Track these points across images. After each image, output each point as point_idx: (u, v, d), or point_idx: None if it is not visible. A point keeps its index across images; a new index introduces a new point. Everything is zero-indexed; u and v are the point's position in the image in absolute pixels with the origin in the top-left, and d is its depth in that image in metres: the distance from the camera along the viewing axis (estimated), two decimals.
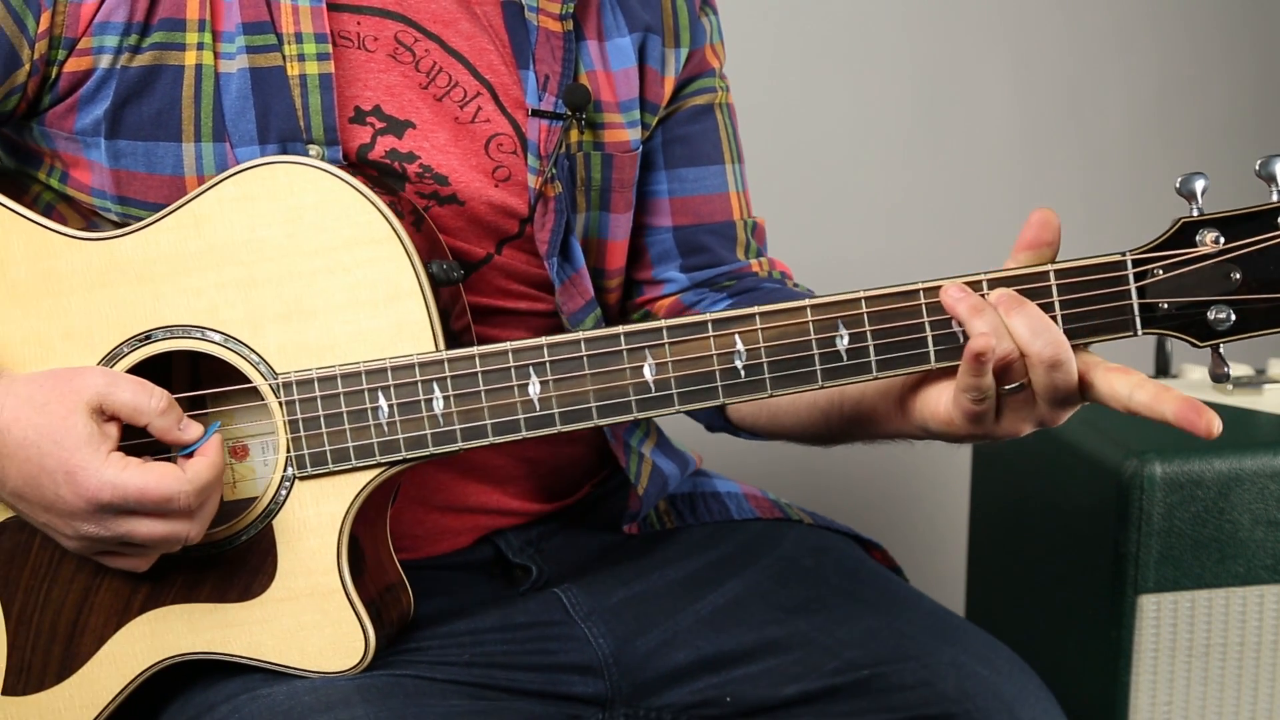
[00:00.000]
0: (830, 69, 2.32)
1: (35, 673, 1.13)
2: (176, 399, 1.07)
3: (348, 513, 1.10)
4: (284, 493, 1.10)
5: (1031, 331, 0.99)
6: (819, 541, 1.36)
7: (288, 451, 1.10)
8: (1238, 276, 1.03)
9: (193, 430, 1.06)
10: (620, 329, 1.07)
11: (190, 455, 1.06)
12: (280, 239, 1.09)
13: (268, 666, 1.11)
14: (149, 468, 1.03)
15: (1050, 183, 2.44)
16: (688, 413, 1.12)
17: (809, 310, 1.05)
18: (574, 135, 1.25)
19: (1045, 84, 2.43)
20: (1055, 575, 1.67)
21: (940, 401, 1.05)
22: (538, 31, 1.24)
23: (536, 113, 1.22)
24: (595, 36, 1.29)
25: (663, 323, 1.06)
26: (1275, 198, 1.03)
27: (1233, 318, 1.03)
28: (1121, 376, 1.01)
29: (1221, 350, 1.05)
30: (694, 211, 1.36)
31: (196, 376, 1.15)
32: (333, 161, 1.13)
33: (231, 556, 1.11)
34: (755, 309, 1.05)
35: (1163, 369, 1.80)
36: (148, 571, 1.10)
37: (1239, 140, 2.46)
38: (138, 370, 1.09)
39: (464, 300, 1.17)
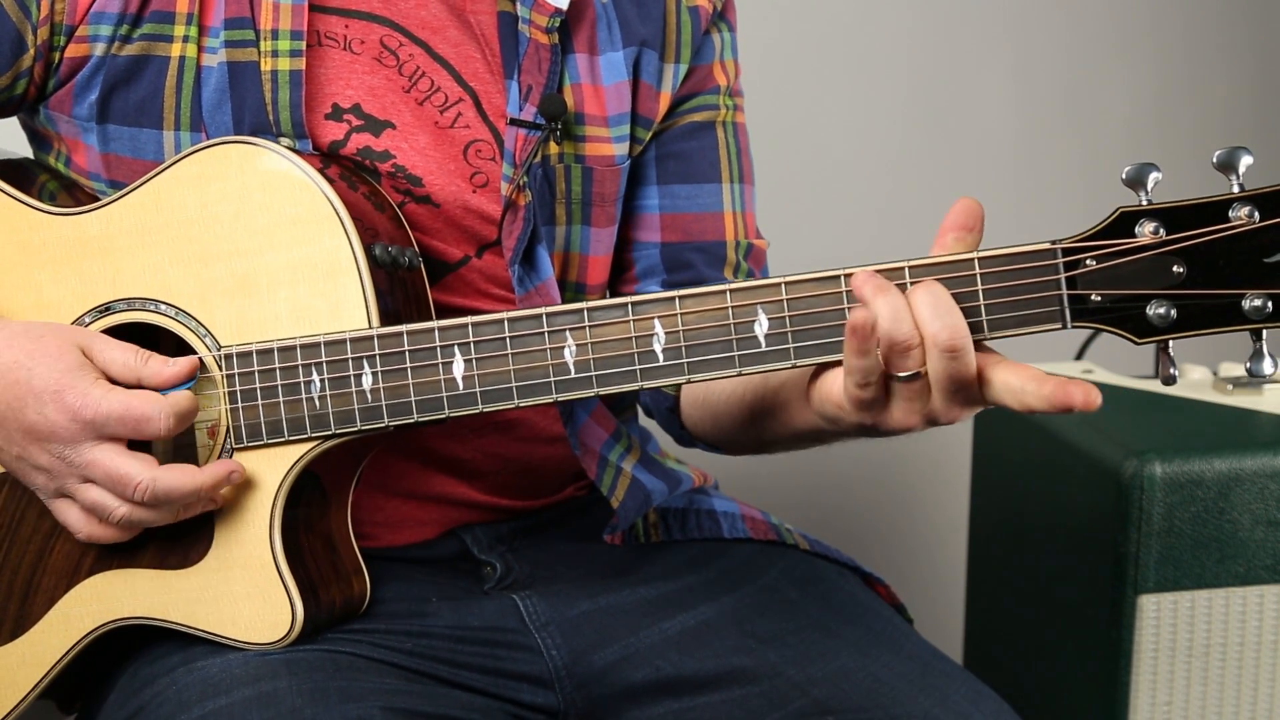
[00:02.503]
0: (830, 69, 2.32)
1: None
2: None
3: (280, 485, 1.12)
4: None
5: (933, 311, 0.95)
6: (810, 571, 1.32)
7: (227, 422, 1.12)
8: (1181, 270, 0.97)
9: (180, 364, 1.10)
10: (543, 309, 1.06)
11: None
12: (229, 216, 1.12)
13: (202, 635, 1.13)
14: (132, 390, 1.08)
15: (1050, 183, 2.44)
16: (607, 397, 1.11)
17: (729, 295, 1.03)
18: (553, 147, 1.26)
19: (1044, 84, 2.43)
20: (1055, 576, 1.68)
21: (835, 386, 1.01)
22: (528, 43, 1.26)
23: (515, 121, 1.24)
24: (586, 50, 1.30)
25: (584, 305, 1.06)
26: (1235, 189, 0.97)
27: (1174, 314, 0.97)
28: (1017, 371, 0.95)
29: (1170, 350, 0.99)
30: (683, 229, 1.35)
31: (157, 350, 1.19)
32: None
33: (171, 525, 1.14)
34: (676, 293, 1.04)
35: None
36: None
37: (1238, 140, 2.33)
38: None
39: (424, 291, 1.18)
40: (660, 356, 1.04)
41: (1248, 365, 0.99)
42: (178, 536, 1.14)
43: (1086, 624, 1.58)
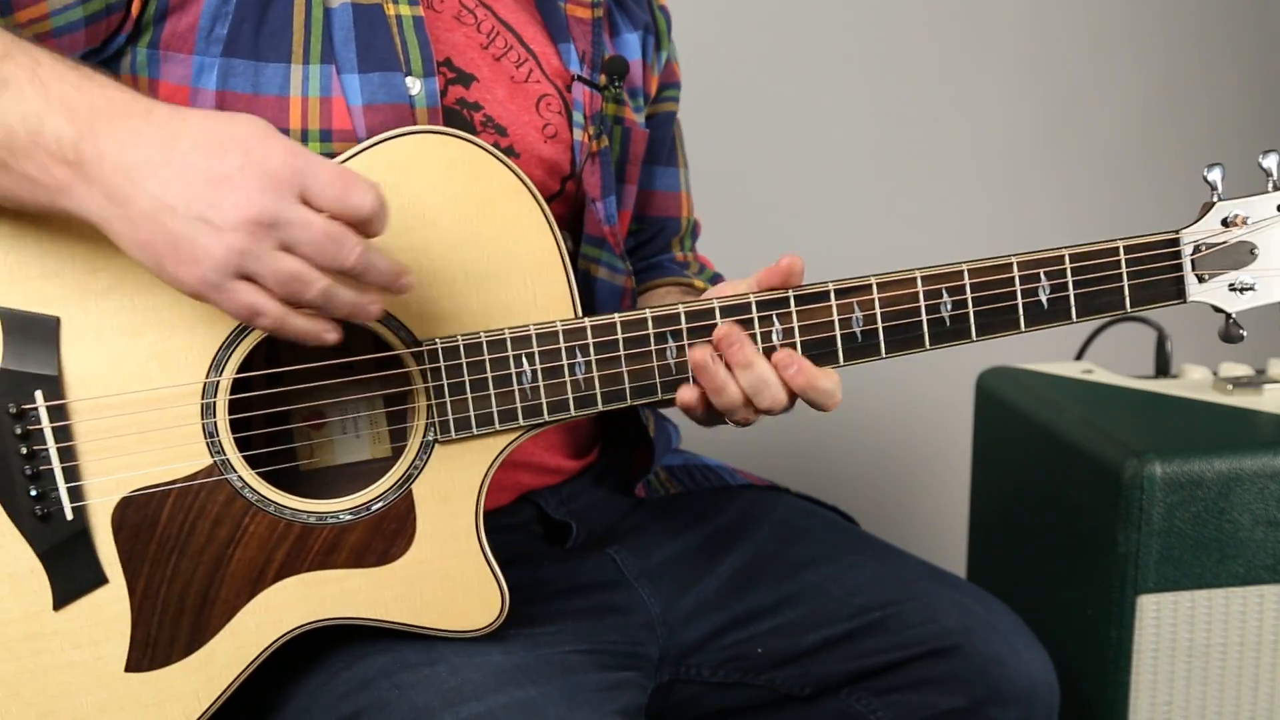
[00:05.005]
0: (830, 70, 2.38)
1: (162, 648, 1.11)
2: (328, 366, 1.10)
3: (485, 476, 1.14)
4: (424, 458, 1.13)
5: (754, 390, 1.14)
6: (807, 507, 1.49)
7: (428, 418, 1.13)
8: (1256, 252, 1.22)
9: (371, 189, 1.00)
10: (752, 297, 1.16)
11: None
12: (422, 209, 1.13)
13: (407, 629, 1.13)
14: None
15: (1040, 183, 2.48)
16: None
17: (967, 273, 1.18)
18: (609, 107, 1.36)
19: (1036, 86, 2.49)
20: (1055, 575, 1.66)
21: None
22: (565, 17, 1.36)
23: (579, 79, 1.33)
24: (608, 31, 1.42)
25: (790, 292, 1.16)
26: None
27: (1255, 286, 1.22)
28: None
29: (1235, 317, 1.25)
30: (656, 204, 1.51)
31: (273, 357, 1.16)
32: (428, 95, 1.19)
33: (369, 523, 1.13)
34: (872, 279, 1.17)
35: (1162, 369, 1.87)
36: (283, 540, 1.11)
37: (1238, 140, 2.53)
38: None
39: None
40: (859, 338, 1.17)
41: None
42: (374, 535, 1.13)
43: (1086, 624, 1.57)
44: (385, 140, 1.12)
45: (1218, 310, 1.24)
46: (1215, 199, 1.23)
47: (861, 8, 2.40)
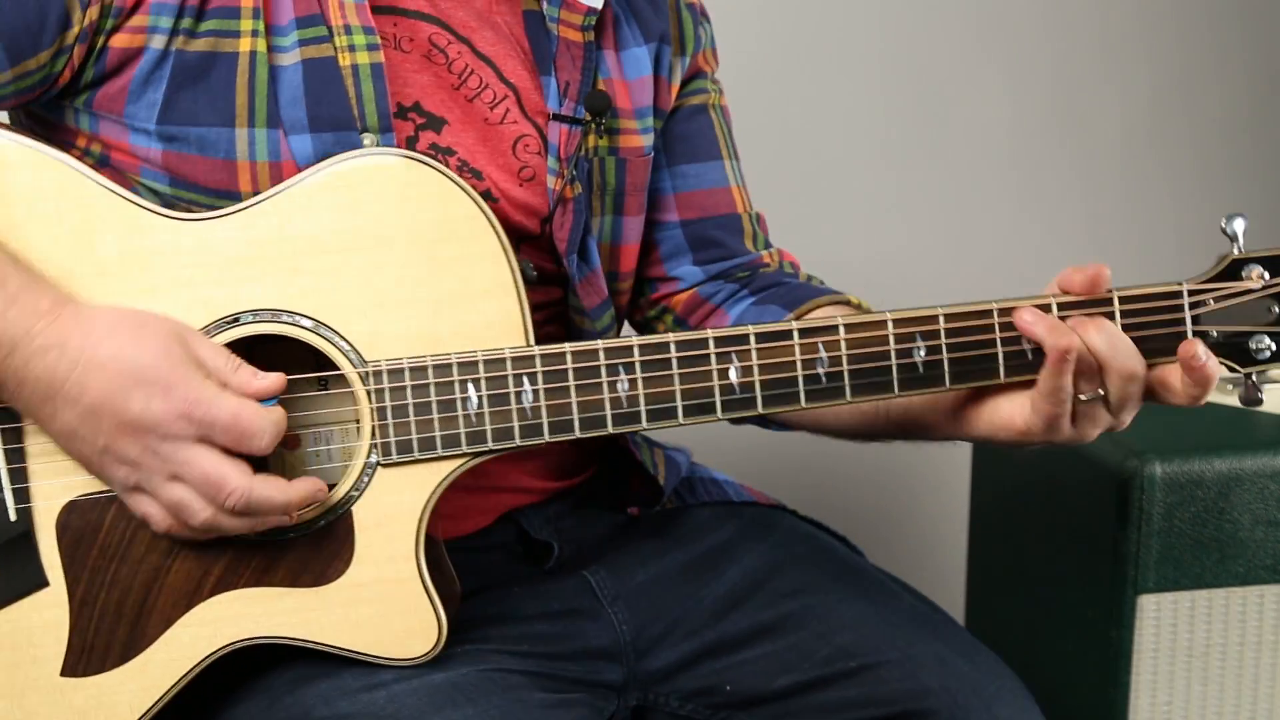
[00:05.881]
0: (829, 71, 2.36)
1: (97, 654, 1.11)
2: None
3: (428, 502, 1.12)
4: (365, 480, 1.12)
5: (1110, 346, 1.07)
6: (809, 531, 1.42)
7: (372, 439, 1.11)
8: (1277, 310, 1.12)
9: (269, 379, 1.08)
10: (709, 332, 1.11)
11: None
12: (376, 229, 1.11)
13: (340, 653, 1.12)
14: (243, 399, 1.06)
15: (1048, 182, 2.46)
16: (762, 415, 1.17)
17: (890, 324, 1.11)
18: (591, 140, 1.30)
19: (1041, 85, 2.46)
20: (1055, 575, 1.67)
21: (1015, 414, 1.12)
22: (558, 41, 1.29)
23: (558, 117, 1.27)
24: (612, 47, 1.35)
25: (750, 329, 1.11)
26: None
27: (1272, 347, 1.13)
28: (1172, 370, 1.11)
29: (1254, 378, 1.15)
30: (699, 205, 1.42)
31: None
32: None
33: (307, 542, 1.12)
34: (840, 320, 1.11)
35: None
36: (220, 554, 1.11)
37: (1234, 142, 2.47)
38: None
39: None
40: (824, 379, 1.11)
41: None
42: (313, 555, 1.12)
43: (1086, 624, 1.58)
44: (346, 160, 1.11)
45: (1233, 370, 1.15)
46: (1235, 251, 1.14)
47: (865, 6, 2.37)
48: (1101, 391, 1.09)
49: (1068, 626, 1.63)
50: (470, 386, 1.11)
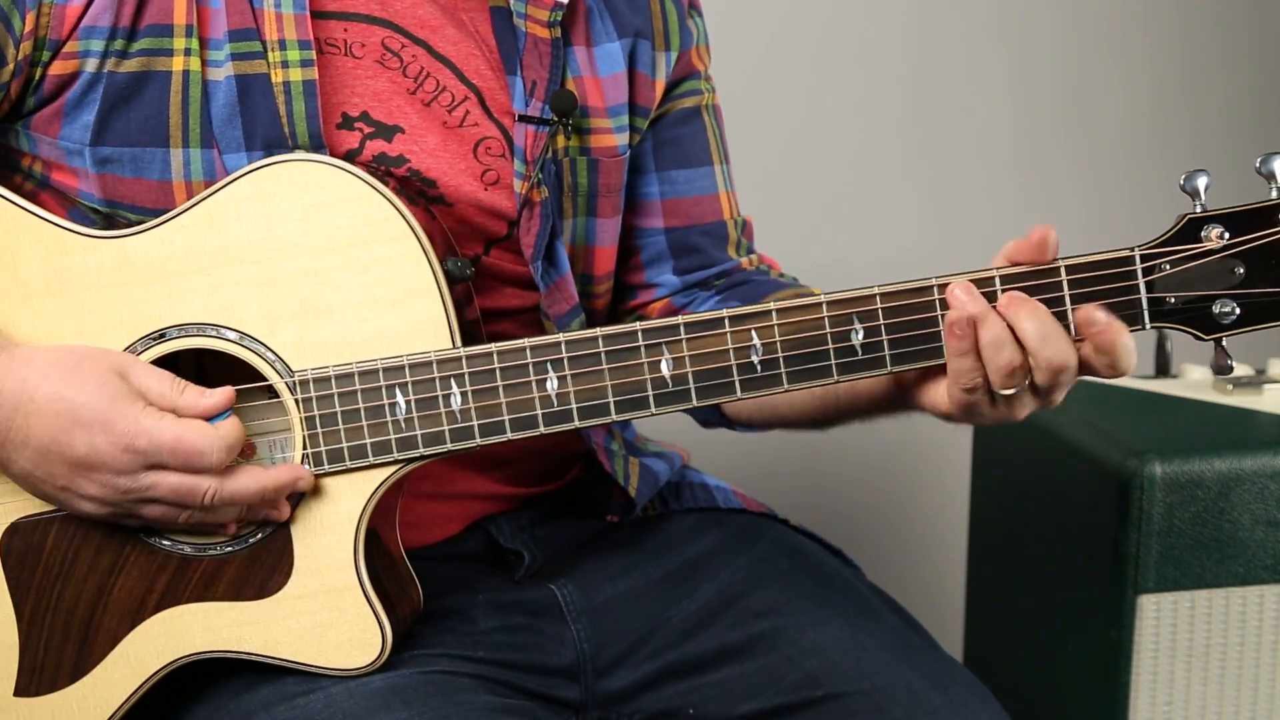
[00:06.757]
0: (829, 71, 2.33)
1: (48, 673, 1.12)
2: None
3: (364, 510, 1.11)
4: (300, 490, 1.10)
5: (1040, 336, 1.01)
6: (798, 544, 1.37)
7: (304, 449, 1.10)
8: (1241, 271, 1.05)
9: (216, 396, 1.08)
10: (638, 325, 1.08)
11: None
12: (296, 236, 1.09)
13: (284, 664, 1.11)
14: (184, 420, 1.06)
15: (1048, 182, 2.45)
16: (693, 409, 1.13)
17: (825, 306, 1.07)
18: (560, 141, 1.26)
19: (1043, 84, 2.44)
20: (1055, 575, 1.67)
21: (939, 397, 1.08)
22: (525, 38, 1.25)
23: (523, 118, 1.23)
24: (583, 42, 1.30)
25: (680, 319, 1.07)
26: (1275, 194, 1.06)
27: (1237, 311, 1.06)
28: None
29: (1224, 343, 1.08)
30: (685, 213, 1.37)
31: (202, 377, 1.15)
32: None
33: (247, 555, 1.11)
34: (773, 306, 1.07)
35: (1163, 369, 1.81)
36: (163, 570, 1.10)
37: (1236, 140, 2.48)
38: None
39: (473, 295, 1.17)
40: (758, 367, 1.07)
41: None
42: (253, 568, 1.11)
43: (1086, 624, 1.57)
44: (258, 169, 1.09)
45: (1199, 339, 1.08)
46: (1196, 210, 1.07)
47: (866, 6, 2.34)
48: (1027, 383, 1.03)
49: (1068, 626, 1.62)
50: (398, 392, 1.09)
